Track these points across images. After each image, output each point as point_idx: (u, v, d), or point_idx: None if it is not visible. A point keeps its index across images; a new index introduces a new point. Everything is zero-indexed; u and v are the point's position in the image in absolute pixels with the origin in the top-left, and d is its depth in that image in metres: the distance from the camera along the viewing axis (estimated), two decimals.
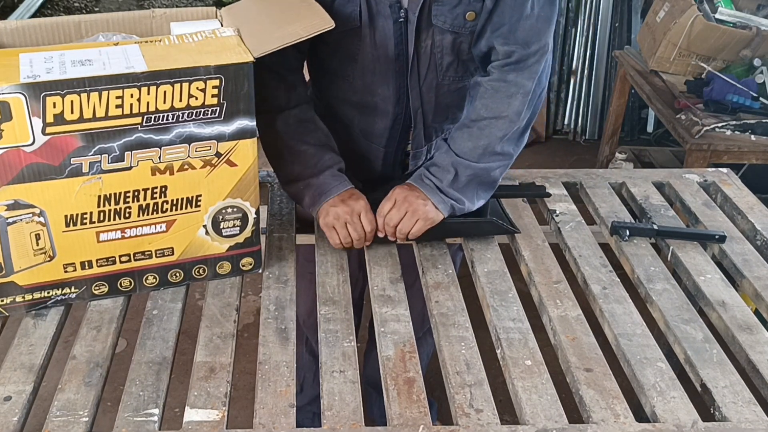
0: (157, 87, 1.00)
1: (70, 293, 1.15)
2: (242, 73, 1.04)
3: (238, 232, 1.18)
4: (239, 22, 1.16)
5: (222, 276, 1.22)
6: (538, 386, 1.05)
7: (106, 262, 1.13)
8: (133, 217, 1.10)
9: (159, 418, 0.99)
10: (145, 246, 1.14)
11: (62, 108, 0.98)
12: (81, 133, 1.01)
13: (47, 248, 1.09)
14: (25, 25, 1.15)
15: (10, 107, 0.96)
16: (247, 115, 1.08)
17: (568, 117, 3.82)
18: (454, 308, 1.19)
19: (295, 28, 1.10)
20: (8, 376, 1.03)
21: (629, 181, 1.58)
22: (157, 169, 1.07)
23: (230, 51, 1.06)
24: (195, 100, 1.03)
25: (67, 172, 1.03)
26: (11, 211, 1.04)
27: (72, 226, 1.08)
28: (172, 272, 1.18)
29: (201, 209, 1.14)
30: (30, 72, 0.98)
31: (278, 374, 1.05)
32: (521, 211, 1.46)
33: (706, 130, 2.36)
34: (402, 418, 0.99)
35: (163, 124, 1.04)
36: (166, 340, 1.11)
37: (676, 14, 2.65)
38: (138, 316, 1.16)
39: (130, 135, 1.03)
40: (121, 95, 1.00)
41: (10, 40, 1.15)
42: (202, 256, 1.19)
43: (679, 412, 1.01)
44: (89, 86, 0.98)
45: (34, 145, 1.00)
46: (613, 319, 1.18)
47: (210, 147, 1.08)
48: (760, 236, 1.41)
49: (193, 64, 1.02)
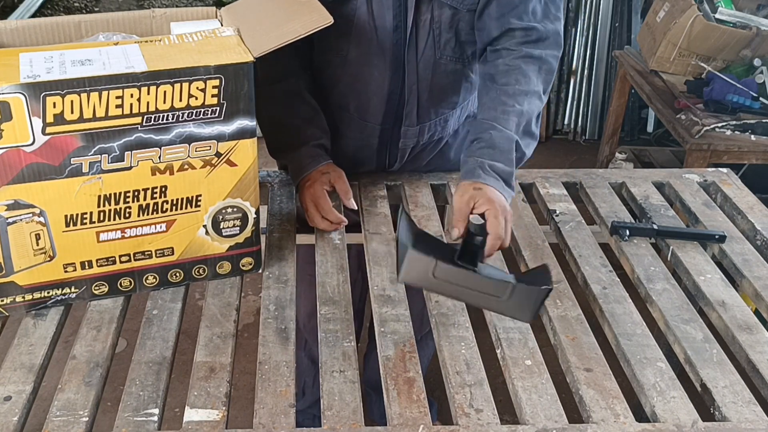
0: (157, 87, 1.00)
1: (70, 293, 1.14)
2: (242, 72, 1.04)
3: (238, 232, 1.18)
4: (239, 21, 1.16)
5: (222, 276, 1.22)
6: (538, 386, 1.05)
7: (106, 262, 1.13)
8: (133, 217, 1.10)
9: (159, 417, 0.99)
10: (145, 246, 1.14)
11: (62, 108, 0.98)
12: (81, 133, 1.01)
13: (47, 248, 1.09)
14: (25, 24, 1.15)
15: (10, 107, 0.96)
16: (247, 114, 1.08)
17: (568, 117, 3.83)
18: (454, 308, 1.19)
19: (293, 25, 1.10)
20: (8, 376, 1.03)
21: (629, 181, 1.58)
22: (157, 169, 1.07)
23: (230, 51, 1.06)
24: (195, 100, 1.03)
25: (67, 172, 1.03)
26: (11, 211, 1.04)
27: (72, 226, 1.08)
28: (172, 272, 1.18)
29: (201, 209, 1.14)
30: (30, 72, 0.98)
31: (278, 374, 1.05)
32: (521, 211, 1.46)
33: (706, 130, 2.36)
34: (402, 418, 0.99)
35: (163, 124, 1.04)
36: (166, 340, 1.11)
37: (676, 14, 2.65)
38: (138, 316, 1.16)
39: (130, 135, 1.03)
40: (121, 95, 0.99)
41: (10, 39, 1.15)
42: (202, 256, 1.19)
43: (679, 411, 1.01)
44: (89, 86, 0.98)
45: (34, 145, 1.00)
46: (613, 318, 1.18)
47: (210, 147, 1.08)
48: (760, 236, 1.41)
49: (193, 64, 1.02)
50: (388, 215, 1.42)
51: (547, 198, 1.51)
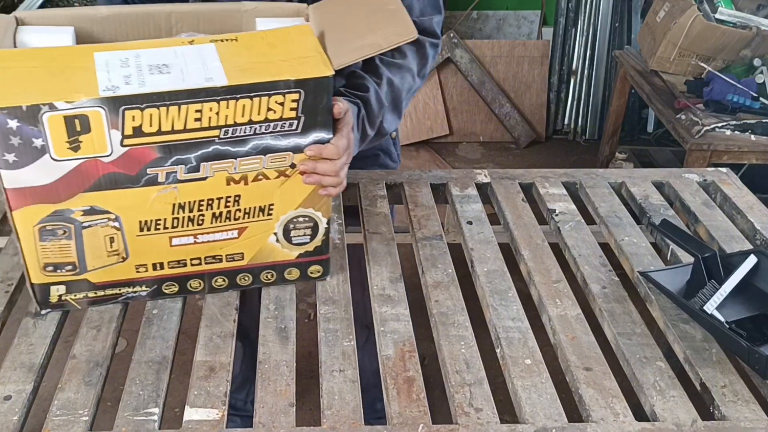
0: (236, 101, 0.99)
1: (140, 291, 1.15)
2: (322, 86, 1.02)
3: (308, 240, 1.17)
4: (324, 22, 1.13)
5: (290, 282, 1.22)
6: (537, 385, 1.05)
7: (177, 264, 1.14)
8: (206, 224, 1.10)
9: (159, 417, 0.99)
10: (216, 251, 1.14)
11: (141, 121, 0.97)
12: (159, 145, 1.00)
13: (120, 250, 1.09)
14: (115, 12, 1.13)
15: (89, 120, 0.95)
16: (325, 127, 1.06)
17: (568, 117, 3.83)
18: (453, 307, 1.19)
19: (375, 38, 1.07)
20: (8, 376, 1.03)
21: (629, 180, 1.58)
22: (232, 179, 1.07)
23: (310, 61, 1.03)
24: (273, 114, 1.02)
25: (143, 182, 1.03)
26: (87, 216, 1.04)
27: (146, 231, 1.08)
28: (241, 276, 1.19)
29: (273, 218, 1.13)
30: (108, 83, 0.96)
31: (278, 373, 1.05)
32: (521, 210, 1.46)
33: (706, 130, 2.36)
34: (401, 417, 0.99)
35: (241, 136, 1.03)
36: (166, 340, 1.11)
37: (676, 14, 2.65)
38: (138, 315, 1.16)
39: (207, 147, 1.02)
40: (200, 109, 0.98)
41: (99, 28, 1.14)
42: (271, 262, 1.18)
43: (679, 411, 1.01)
44: (169, 100, 0.97)
45: (111, 156, 0.99)
46: (612, 318, 1.18)
47: (285, 158, 1.07)
48: (760, 235, 1.41)
49: (274, 78, 1.00)
50: (388, 215, 1.43)
51: (546, 198, 1.51)
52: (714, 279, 1.18)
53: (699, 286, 1.18)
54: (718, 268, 1.19)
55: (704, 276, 1.19)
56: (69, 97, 0.93)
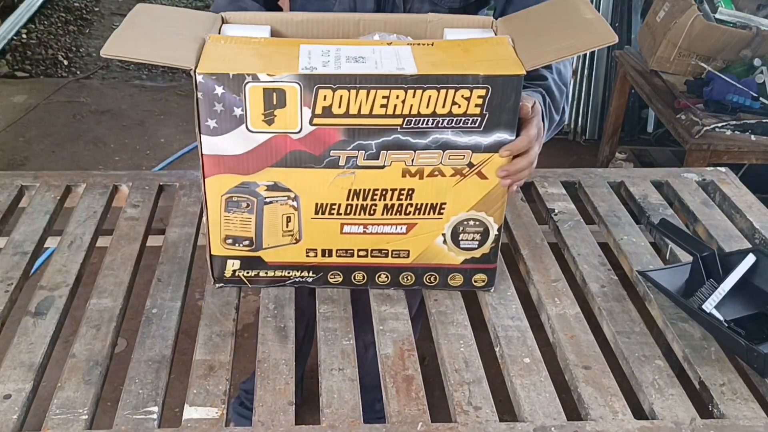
0: (423, 91, 1.00)
1: (308, 277, 1.18)
2: (511, 85, 1.02)
3: (476, 246, 1.16)
4: (515, 32, 1.12)
5: (453, 288, 1.21)
6: (536, 384, 1.05)
7: (345, 253, 1.15)
8: (377, 214, 1.11)
9: (158, 415, 0.99)
10: (382, 244, 1.15)
11: (331, 101, 1.01)
12: (344, 127, 1.03)
13: (295, 231, 1.12)
14: (309, 18, 1.19)
15: (286, 95, 1.00)
16: (508, 128, 1.05)
17: (568, 117, 3.83)
18: (452, 306, 1.19)
19: (573, 41, 1.05)
20: (8, 375, 1.03)
21: (628, 180, 1.58)
22: (408, 172, 1.07)
23: (502, 61, 1.04)
24: (457, 108, 1.02)
25: (325, 163, 1.06)
26: (270, 192, 1.08)
27: (320, 214, 1.11)
28: (405, 275, 1.19)
29: (443, 218, 1.13)
30: (308, 63, 1.01)
31: (277, 372, 1.05)
32: (520, 210, 1.46)
33: (706, 130, 2.36)
34: (401, 415, 0.99)
35: (422, 128, 1.04)
36: (165, 339, 1.11)
37: (676, 14, 2.65)
38: (137, 315, 1.16)
39: (389, 135, 1.04)
40: (387, 95, 1.01)
41: (294, 31, 1.18)
42: (435, 264, 1.18)
43: (678, 409, 1.02)
44: (359, 83, 1.00)
45: (300, 134, 1.03)
46: (611, 317, 1.18)
47: (463, 156, 1.07)
48: (759, 235, 1.41)
49: (462, 71, 1.00)
50: None
51: (545, 197, 1.51)
52: (713, 278, 1.18)
53: (698, 285, 1.18)
54: (716, 267, 1.19)
55: (703, 275, 1.19)
56: (271, 71, 0.99)
